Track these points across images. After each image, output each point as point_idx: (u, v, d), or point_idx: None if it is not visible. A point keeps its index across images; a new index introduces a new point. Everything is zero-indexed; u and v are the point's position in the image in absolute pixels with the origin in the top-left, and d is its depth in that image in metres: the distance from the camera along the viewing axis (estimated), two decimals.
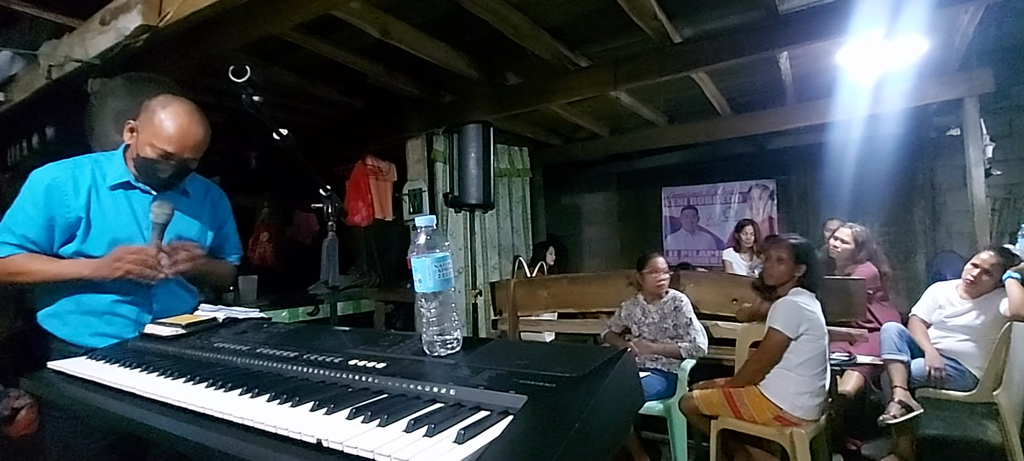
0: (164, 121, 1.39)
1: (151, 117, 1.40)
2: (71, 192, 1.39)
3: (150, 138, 1.39)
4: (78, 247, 1.40)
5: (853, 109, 4.04)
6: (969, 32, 3.08)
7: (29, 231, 1.37)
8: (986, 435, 3.00)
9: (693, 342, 2.77)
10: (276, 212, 5.65)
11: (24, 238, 1.37)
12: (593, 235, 6.57)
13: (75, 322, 1.41)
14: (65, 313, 1.41)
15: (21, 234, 1.37)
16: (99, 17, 2.30)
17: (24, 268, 1.37)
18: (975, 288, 2.68)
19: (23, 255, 1.37)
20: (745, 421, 2.31)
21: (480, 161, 2.84)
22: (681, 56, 3.26)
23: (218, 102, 3.45)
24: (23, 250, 1.37)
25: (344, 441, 0.63)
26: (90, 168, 1.44)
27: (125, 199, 1.46)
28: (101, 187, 1.43)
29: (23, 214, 1.38)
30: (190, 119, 1.42)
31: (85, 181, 1.41)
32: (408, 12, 2.88)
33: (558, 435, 0.60)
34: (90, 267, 1.37)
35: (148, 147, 1.39)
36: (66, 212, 1.39)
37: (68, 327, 1.41)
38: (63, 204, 1.38)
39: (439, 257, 0.89)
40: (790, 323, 2.22)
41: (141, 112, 1.43)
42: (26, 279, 1.38)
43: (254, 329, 1.27)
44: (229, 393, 0.85)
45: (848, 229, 3.19)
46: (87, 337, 1.39)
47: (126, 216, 1.45)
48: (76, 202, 1.39)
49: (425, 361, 0.89)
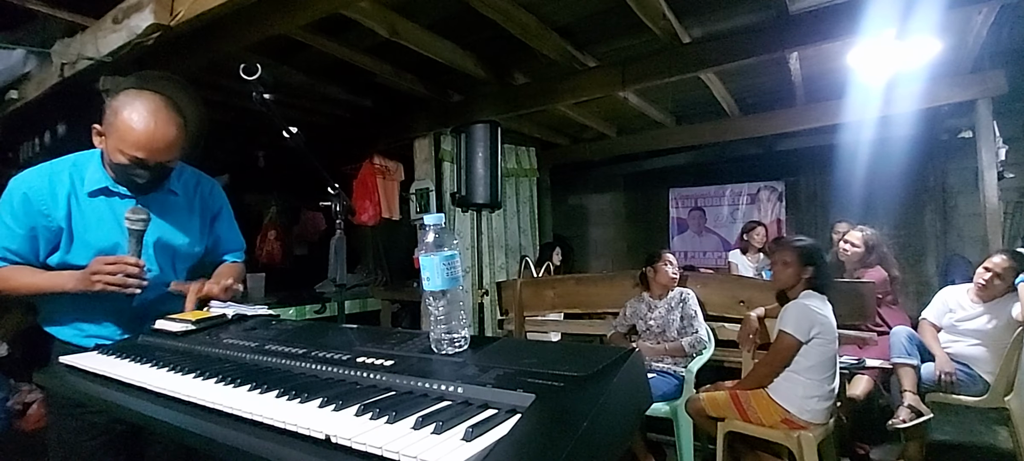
0: (129, 123, 1.25)
1: (115, 120, 1.27)
2: (49, 200, 1.32)
3: (118, 144, 1.27)
4: (62, 257, 1.34)
5: (863, 110, 4.00)
6: (982, 33, 3.04)
7: (11, 243, 1.31)
8: (997, 441, 2.97)
9: (696, 335, 2.76)
10: (284, 211, 5.68)
11: (6, 250, 1.31)
12: (600, 236, 6.56)
13: (75, 327, 1.39)
14: (62, 316, 1.39)
15: (3, 246, 1.31)
16: (112, 16, 2.33)
17: (7, 282, 1.32)
18: (986, 292, 2.65)
19: (7, 268, 1.32)
20: (752, 424, 2.29)
21: (487, 161, 2.84)
22: (690, 56, 3.24)
23: (227, 101, 3.48)
24: (6, 262, 1.32)
25: (352, 437, 0.63)
26: (68, 173, 1.35)
27: (106, 205, 1.37)
28: (80, 194, 1.34)
29: (2, 226, 1.31)
30: (157, 118, 1.27)
31: (64, 188, 1.33)
32: (417, 12, 2.89)
33: (566, 434, 0.60)
34: (72, 281, 1.29)
35: (118, 153, 1.27)
36: (47, 221, 1.32)
37: (69, 331, 1.39)
38: (42, 214, 1.31)
39: (447, 255, 0.89)
40: (801, 327, 2.19)
41: (107, 111, 1.29)
42: (15, 293, 1.33)
43: (263, 326, 1.27)
44: (238, 388, 0.85)
45: (858, 232, 3.15)
46: (84, 339, 1.37)
47: (108, 223, 1.36)
48: (56, 211, 1.32)
49: (433, 359, 0.89)
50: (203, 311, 1.41)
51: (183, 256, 1.51)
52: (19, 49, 2.77)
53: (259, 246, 5.29)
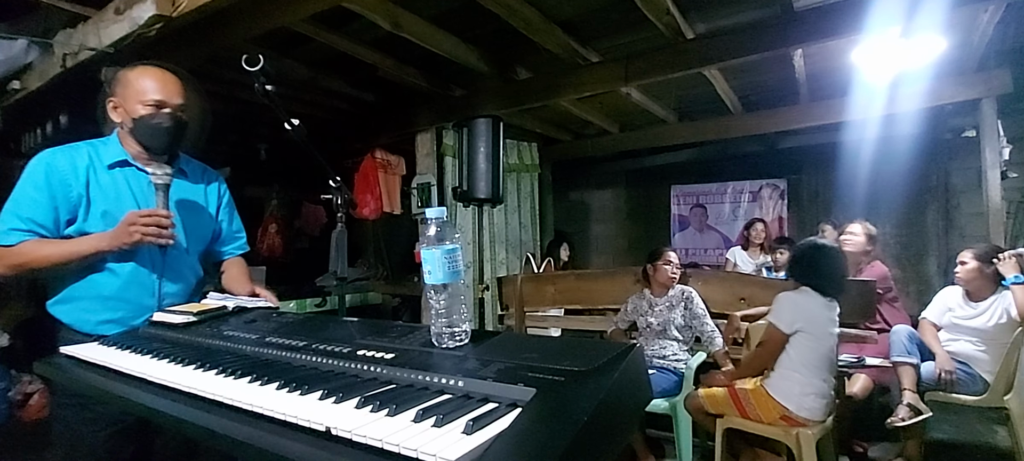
0: (141, 77, 1.43)
1: (129, 82, 1.43)
2: (70, 172, 1.39)
3: (137, 97, 1.41)
4: (80, 226, 1.39)
5: (867, 109, 3.99)
6: (988, 31, 3.03)
7: (36, 215, 1.35)
8: (995, 440, 2.97)
9: (711, 341, 2.79)
10: (285, 204, 5.69)
11: (32, 222, 1.35)
12: (601, 232, 6.55)
13: (84, 308, 1.40)
14: (75, 299, 1.40)
15: (28, 217, 1.35)
16: (114, 6, 2.33)
17: (37, 253, 1.35)
18: (971, 285, 2.68)
19: (34, 240, 1.35)
20: (751, 421, 2.30)
21: (489, 156, 2.84)
22: (693, 52, 3.22)
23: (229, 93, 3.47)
24: (33, 235, 1.35)
25: (353, 429, 0.63)
26: (86, 151, 1.44)
27: (123, 177, 1.46)
28: (98, 167, 1.43)
29: (27, 198, 1.36)
30: (164, 68, 1.46)
31: (83, 161, 1.41)
32: (419, 5, 2.88)
33: (566, 428, 0.60)
34: (106, 239, 1.35)
35: (138, 106, 1.41)
36: (67, 191, 1.38)
37: (77, 313, 1.40)
38: (64, 184, 1.37)
39: (449, 249, 0.89)
40: (783, 318, 2.22)
41: (114, 86, 1.46)
42: (41, 264, 1.36)
43: (263, 318, 1.28)
44: (239, 380, 0.86)
45: (859, 224, 3.15)
46: (94, 324, 1.38)
47: (125, 194, 1.44)
48: (76, 182, 1.39)
49: (433, 353, 0.89)
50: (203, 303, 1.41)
51: (197, 237, 1.57)
52: (21, 39, 2.77)
53: (260, 239, 5.30)
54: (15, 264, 1.35)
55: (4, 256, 1.34)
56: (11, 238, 1.34)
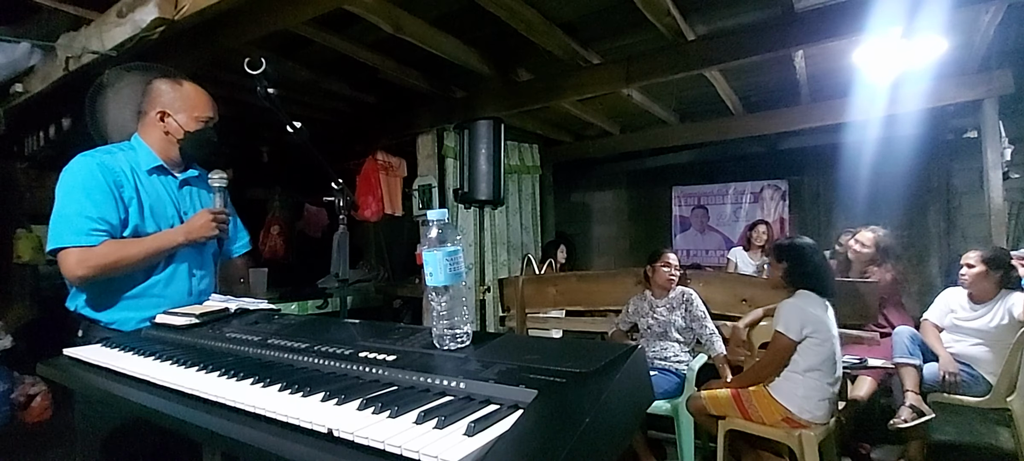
0: (194, 91, 1.52)
1: (182, 95, 1.51)
2: (121, 174, 1.41)
3: (193, 111, 1.50)
4: (136, 226, 1.41)
5: (868, 109, 3.99)
6: (990, 32, 3.02)
7: (107, 214, 1.35)
8: (998, 441, 2.96)
9: (711, 345, 2.77)
10: (287, 206, 5.69)
11: (105, 222, 1.34)
12: (602, 233, 6.55)
13: (126, 306, 1.40)
14: (116, 298, 1.40)
15: (100, 217, 1.33)
16: (116, 9, 2.33)
17: (125, 252, 1.35)
18: (975, 287, 2.67)
19: (114, 241, 1.35)
20: (753, 422, 2.29)
21: (490, 157, 2.84)
22: (694, 54, 3.23)
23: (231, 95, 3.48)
24: (108, 236, 1.34)
25: (355, 431, 0.63)
26: (120, 155, 1.46)
27: (160, 182, 1.51)
28: (140, 171, 1.47)
29: (91, 201, 1.33)
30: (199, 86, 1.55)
31: (125, 165, 1.44)
32: (421, 7, 2.88)
33: (568, 430, 0.60)
34: (182, 233, 1.43)
35: (193, 121, 1.50)
36: (123, 192, 1.40)
37: (119, 312, 1.40)
38: (119, 185, 1.40)
39: (450, 251, 0.89)
40: (792, 326, 2.21)
41: (161, 97, 1.50)
42: (129, 262, 1.36)
43: (265, 320, 1.28)
44: (241, 382, 0.86)
45: (870, 232, 3.13)
46: (137, 323, 1.38)
47: (164, 199, 1.50)
48: (127, 183, 1.42)
49: (435, 354, 0.89)
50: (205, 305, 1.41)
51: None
52: (24, 43, 2.78)
53: (262, 241, 5.30)
54: (101, 265, 1.33)
55: (88, 258, 1.32)
56: (95, 238, 1.32)
